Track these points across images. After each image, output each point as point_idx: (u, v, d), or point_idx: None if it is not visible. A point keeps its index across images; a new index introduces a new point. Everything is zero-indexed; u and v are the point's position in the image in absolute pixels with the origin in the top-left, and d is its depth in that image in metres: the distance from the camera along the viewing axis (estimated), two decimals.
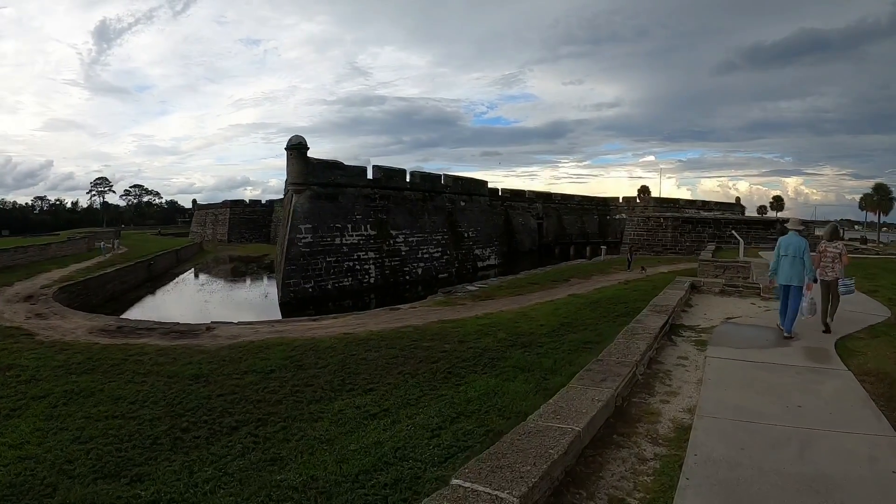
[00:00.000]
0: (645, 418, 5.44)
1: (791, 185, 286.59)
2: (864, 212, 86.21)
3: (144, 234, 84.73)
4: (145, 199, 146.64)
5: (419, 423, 7.70)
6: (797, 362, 7.31)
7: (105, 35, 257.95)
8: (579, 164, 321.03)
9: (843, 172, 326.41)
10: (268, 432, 8.29)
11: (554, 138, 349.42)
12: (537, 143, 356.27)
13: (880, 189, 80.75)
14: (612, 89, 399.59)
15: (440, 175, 48.56)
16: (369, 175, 41.06)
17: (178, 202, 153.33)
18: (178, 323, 17.97)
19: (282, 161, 38.23)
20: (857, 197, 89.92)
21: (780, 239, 9.07)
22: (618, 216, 69.97)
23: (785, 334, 8.59)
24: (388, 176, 42.58)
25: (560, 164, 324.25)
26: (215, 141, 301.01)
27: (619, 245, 47.77)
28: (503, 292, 23.75)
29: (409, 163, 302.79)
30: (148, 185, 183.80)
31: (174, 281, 46.09)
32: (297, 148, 36.38)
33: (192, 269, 53.44)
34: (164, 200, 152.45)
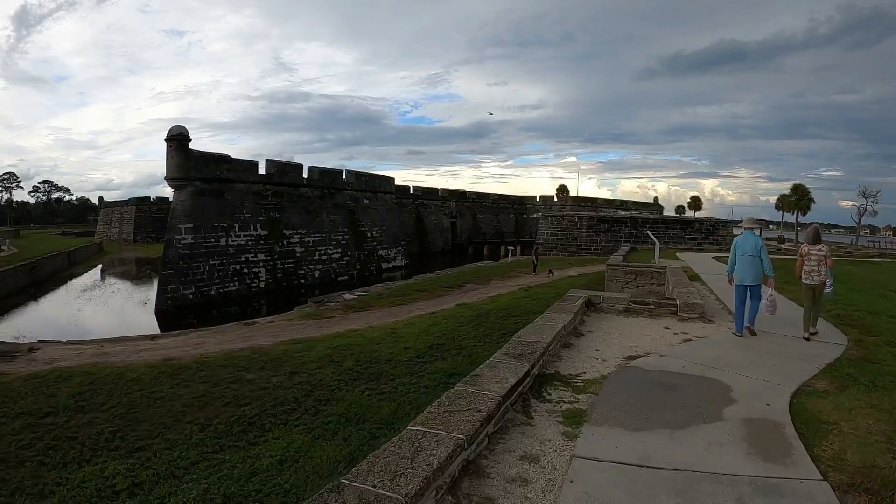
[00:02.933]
0: None
1: (708, 187, 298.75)
2: (781, 212, 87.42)
3: (46, 234, 79.40)
4: (55, 195, 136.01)
5: None
6: (735, 464, 3.91)
7: (25, 21, 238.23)
8: (502, 164, 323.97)
9: (758, 175, 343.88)
10: None
11: (477, 138, 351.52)
12: (461, 142, 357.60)
13: (799, 190, 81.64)
14: (536, 91, 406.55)
15: (341, 171, 44.59)
16: (261, 170, 37.09)
17: (93, 200, 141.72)
18: (2, 342, 15.48)
19: None
20: (772, 198, 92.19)
21: (736, 239, 8.67)
22: (535, 215, 67.69)
23: (736, 333, 8.12)
24: (283, 171, 38.58)
25: (483, 164, 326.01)
26: (135, 135, 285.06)
27: (534, 245, 45.03)
28: (383, 302, 20.18)
29: (332, 161, 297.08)
30: (64, 180, 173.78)
31: (61, 286, 41.44)
32: (177, 139, 32.24)
33: (84, 273, 49.04)
34: (74, 197, 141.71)
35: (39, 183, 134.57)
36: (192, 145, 32.54)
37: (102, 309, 32.44)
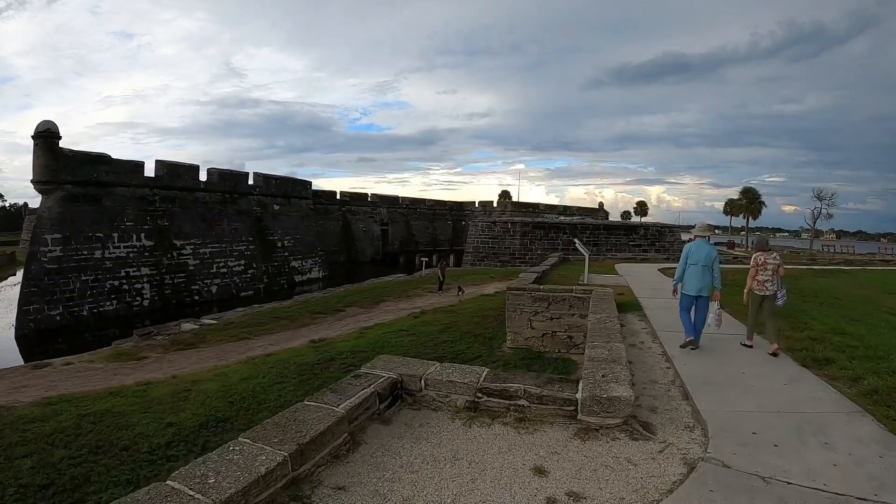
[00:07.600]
0: None
1: (654, 193, 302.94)
2: (729, 216, 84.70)
3: None
4: None
5: None
6: None
7: None
8: (450, 171, 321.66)
9: (703, 182, 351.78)
10: None
11: (426, 145, 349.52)
12: (410, 150, 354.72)
13: (749, 193, 78.80)
14: (485, 100, 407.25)
15: (246, 173, 39.17)
16: (149, 172, 31.86)
17: (35, 206, 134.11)
18: None
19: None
20: (717, 204, 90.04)
21: (688, 246, 8.02)
22: (472, 222, 63.18)
23: (688, 344, 7.41)
24: (175, 173, 33.24)
25: (431, 171, 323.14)
26: (81, 140, 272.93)
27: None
28: (224, 335, 15.12)
29: (282, 168, 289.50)
30: (7, 186, 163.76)
31: None
32: (44, 136, 26.91)
33: None
34: (8, 203, 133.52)
35: None
36: (139, 150, 27.11)
37: None
